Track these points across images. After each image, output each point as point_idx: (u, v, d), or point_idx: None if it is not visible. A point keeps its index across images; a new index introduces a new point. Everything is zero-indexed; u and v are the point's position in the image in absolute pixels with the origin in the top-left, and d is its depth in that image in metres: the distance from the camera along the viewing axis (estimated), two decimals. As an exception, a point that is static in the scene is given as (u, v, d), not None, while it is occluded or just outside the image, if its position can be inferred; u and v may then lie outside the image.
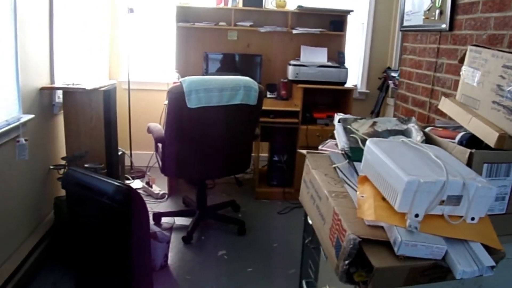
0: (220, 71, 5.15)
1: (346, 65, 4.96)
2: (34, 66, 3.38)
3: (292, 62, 4.92)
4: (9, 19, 2.94)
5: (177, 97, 3.40)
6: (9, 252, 3.05)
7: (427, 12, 3.47)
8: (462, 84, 2.18)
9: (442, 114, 3.14)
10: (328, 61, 5.02)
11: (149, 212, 2.95)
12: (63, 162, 3.57)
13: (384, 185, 1.50)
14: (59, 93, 3.78)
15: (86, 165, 3.44)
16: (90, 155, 3.68)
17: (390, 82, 5.16)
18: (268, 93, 5.22)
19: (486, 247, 1.45)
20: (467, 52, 2.16)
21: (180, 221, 4.18)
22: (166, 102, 3.53)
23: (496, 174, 1.78)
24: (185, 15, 5.05)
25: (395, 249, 1.37)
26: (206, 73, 5.11)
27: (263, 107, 3.93)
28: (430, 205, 1.40)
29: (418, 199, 1.39)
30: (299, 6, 4.95)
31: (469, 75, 2.11)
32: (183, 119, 3.49)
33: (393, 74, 5.07)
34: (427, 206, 1.40)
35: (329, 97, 5.32)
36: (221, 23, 5.10)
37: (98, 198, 2.77)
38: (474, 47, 2.12)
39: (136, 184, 5.02)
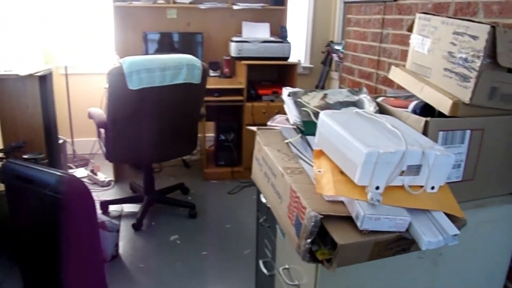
0: (160, 51, 5.00)
1: (289, 40, 4.90)
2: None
3: (234, 38, 4.83)
4: None
5: (117, 79, 3.26)
6: None
7: (369, -18, 3.44)
8: (412, 53, 2.15)
9: (390, 85, 3.13)
10: (270, 36, 4.95)
11: (96, 201, 2.84)
12: (0, 155, 3.40)
13: (342, 158, 1.45)
14: (-10, 81, 3.59)
15: (25, 156, 3.27)
16: (29, 145, 3.51)
17: (333, 55, 5.13)
18: (211, 71, 5.12)
19: (448, 215, 1.42)
20: (416, 20, 2.12)
21: (128, 208, 4.07)
22: (107, 85, 3.40)
23: (452, 142, 1.76)
24: (121, -7, 4.87)
25: (358, 224, 1.32)
26: (146, 54, 4.95)
27: (207, 86, 3.83)
28: (391, 176, 1.36)
29: (378, 170, 1.34)
30: (239, -19, 4.85)
31: (418, 43, 2.08)
32: (124, 102, 3.35)
33: (336, 47, 5.04)
34: (388, 178, 1.36)
35: (273, 73, 5.27)
36: (159, 1, 4.93)
37: (40, 190, 2.64)
38: (423, 15, 2.08)
39: (80, 172, 4.85)
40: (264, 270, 2.32)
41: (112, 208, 4.03)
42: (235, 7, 4.98)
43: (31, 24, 4.78)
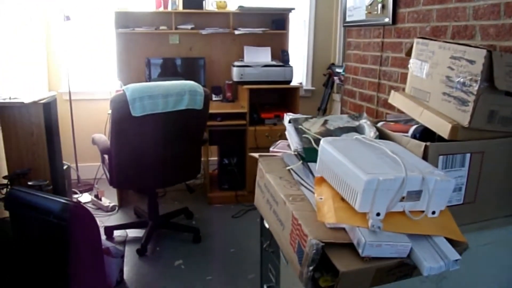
0: (163, 76, 5.03)
1: (290, 63, 4.94)
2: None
3: (236, 63, 4.87)
4: None
5: (120, 106, 3.29)
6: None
7: (369, 7, 3.48)
8: (411, 77, 2.17)
9: (391, 108, 3.15)
10: (272, 60, 4.99)
11: (101, 226, 2.85)
12: (5, 181, 3.41)
13: (343, 186, 1.46)
14: (-4, 109, 3.61)
15: (30, 183, 3.29)
16: (33, 172, 3.52)
17: (335, 78, 5.17)
18: (213, 96, 5.15)
19: (449, 240, 1.43)
20: (414, 45, 2.15)
21: (133, 233, 4.06)
22: (110, 111, 3.43)
23: (452, 166, 1.77)
24: (124, 20, 4.92)
25: (360, 250, 1.33)
26: (149, 79, 4.99)
27: (210, 111, 3.86)
28: (391, 203, 1.37)
29: (379, 197, 1.35)
30: (240, 7, 4.89)
31: (417, 67, 2.11)
32: (128, 128, 3.38)
33: (337, 70, 5.08)
34: (388, 204, 1.37)
35: (276, 97, 5.30)
36: (161, 27, 4.99)
37: (44, 217, 2.65)
38: (420, 40, 2.11)
39: (85, 198, 4.86)
40: (269, 296, 2.32)
41: (116, 233, 4.03)
42: (236, 32, 5.03)
43: (35, 50, 4.83)
